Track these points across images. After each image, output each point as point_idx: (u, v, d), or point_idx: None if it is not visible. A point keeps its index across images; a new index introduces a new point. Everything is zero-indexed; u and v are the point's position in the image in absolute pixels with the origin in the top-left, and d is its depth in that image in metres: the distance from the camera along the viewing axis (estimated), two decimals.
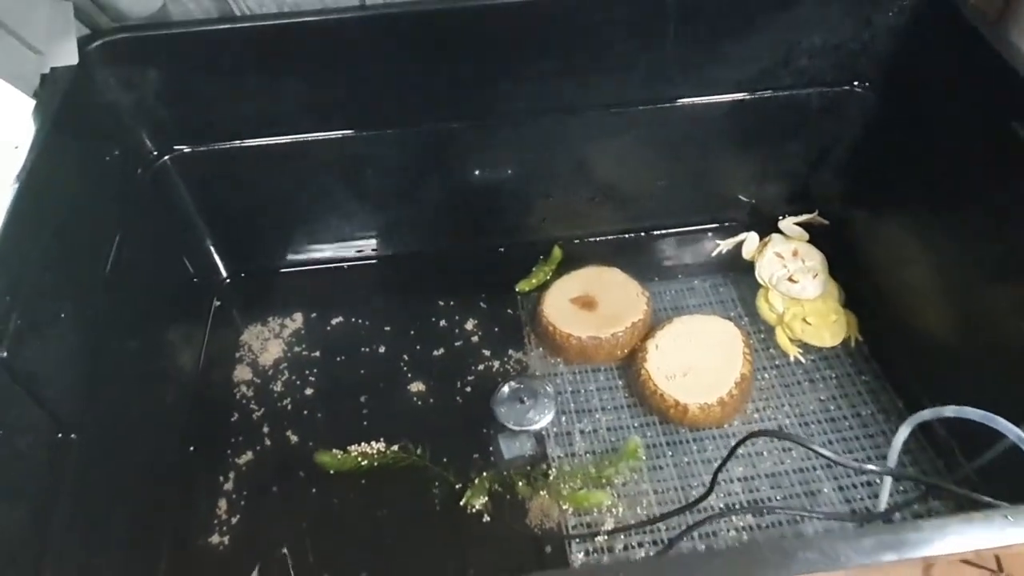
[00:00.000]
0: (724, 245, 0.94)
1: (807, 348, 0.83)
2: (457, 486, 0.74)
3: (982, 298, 0.68)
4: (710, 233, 0.97)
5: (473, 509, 0.72)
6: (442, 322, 0.89)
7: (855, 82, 0.81)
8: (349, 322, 0.90)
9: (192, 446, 0.79)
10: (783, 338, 0.83)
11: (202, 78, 0.74)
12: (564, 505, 0.72)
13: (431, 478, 0.75)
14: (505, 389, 0.80)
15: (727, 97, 0.82)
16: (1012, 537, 0.39)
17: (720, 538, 0.69)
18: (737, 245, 0.93)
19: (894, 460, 0.57)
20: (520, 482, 0.74)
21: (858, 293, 0.86)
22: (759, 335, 0.86)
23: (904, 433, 0.56)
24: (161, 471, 0.74)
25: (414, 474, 0.75)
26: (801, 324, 0.82)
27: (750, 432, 0.58)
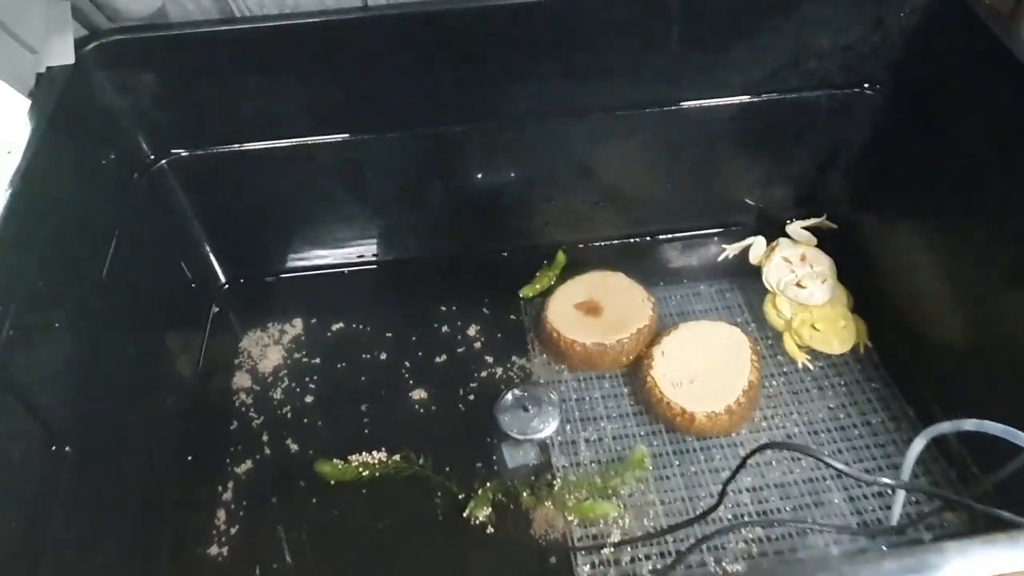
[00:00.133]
0: (730, 249, 0.93)
1: (815, 355, 0.81)
2: (460, 496, 0.72)
3: (995, 303, 0.67)
4: (716, 237, 0.95)
5: (477, 521, 0.71)
6: (444, 328, 0.88)
7: (865, 84, 0.80)
8: (350, 328, 0.88)
9: (190, 455, 0.77)
10: (791, 344, 0.82)
11: (200, 80, 0.73)
12: (569, 516, 0.70)
13: (433, 488, 0.73)
14: (508, 397, 0.79)
15: (734, 100, 0.81)
16: None
17: (729, 551, 0.67)
18: (744, 249, 0.91)
19: (908, 473, 0.56)
20: (524, 492, 0.72)
21: (867, 298, 0.84)
22: (766, 341, 0.84)
23: (919, 446, 0.54)
24: (158, 481, 0.73)
25: (416, 484, 0.74)
26: (809, 330, 0.80)
27: (760, 444, 0.57)
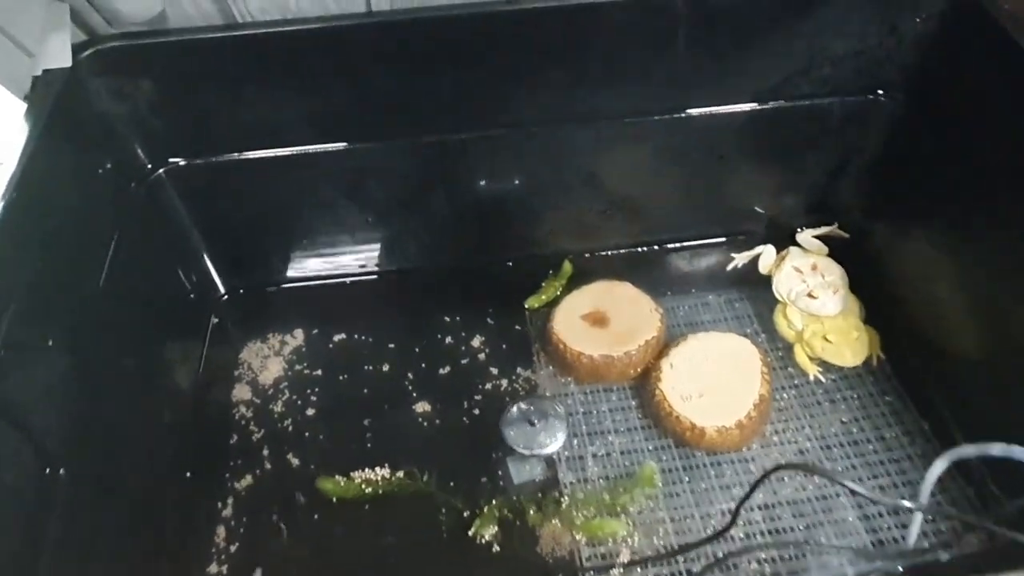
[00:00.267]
0: (740, 259, 0.91)
1: (827, 367, 0.80)
2: (465, 513, 0.71)
3: (1012, 315, 0.65)
4: (725, 246, 0.93)
5: (482, 540, 0.69)
6: (448, 339, 0.86)
7: (879, 90, 0.78)
8: (352, 339, 0.87)
9: (189, 470, 0.76)
10: (802, 356, 0.80)
11: (200, 87, 0.71)
12: (577, 534, 0.69)
13: (437, 505, 0.72)
14: (514, 410, 0.77)
15: (744, 107, 0.79)
16: None
17: (741, 570, 0.66)
18: (753, 259, 0.90)
19: (927, 496, 0.54)
20: (531, 509, 0.71)
21: (880, 309, 0.82)
22: (777, 353, 0.83)
23: (940, 468, 0.52)
24: (156, 497, 0.71)
25: (420, 501, 0.72)
26: (821, 342, 0.79)
27: (775, 466, 0.55)
